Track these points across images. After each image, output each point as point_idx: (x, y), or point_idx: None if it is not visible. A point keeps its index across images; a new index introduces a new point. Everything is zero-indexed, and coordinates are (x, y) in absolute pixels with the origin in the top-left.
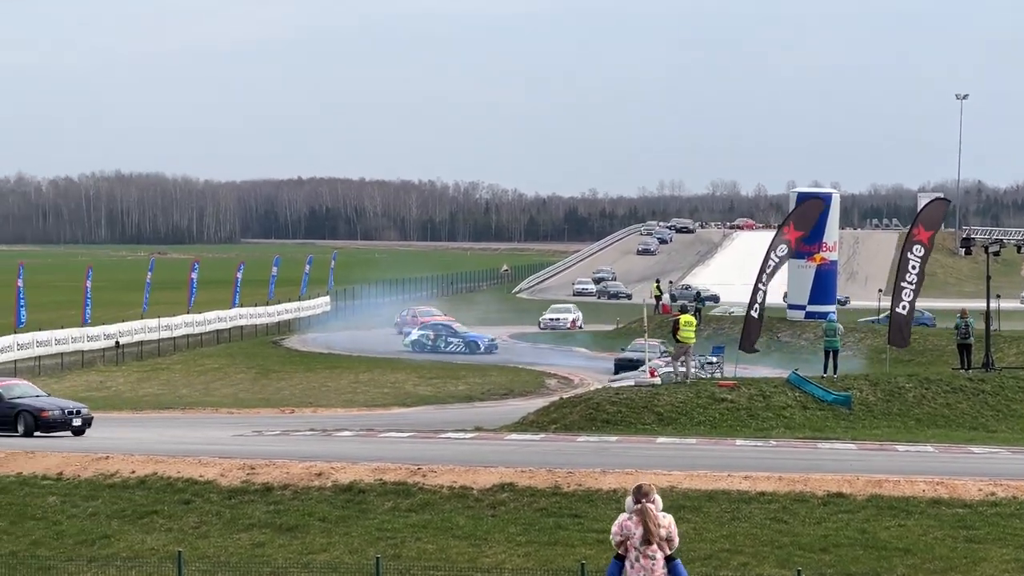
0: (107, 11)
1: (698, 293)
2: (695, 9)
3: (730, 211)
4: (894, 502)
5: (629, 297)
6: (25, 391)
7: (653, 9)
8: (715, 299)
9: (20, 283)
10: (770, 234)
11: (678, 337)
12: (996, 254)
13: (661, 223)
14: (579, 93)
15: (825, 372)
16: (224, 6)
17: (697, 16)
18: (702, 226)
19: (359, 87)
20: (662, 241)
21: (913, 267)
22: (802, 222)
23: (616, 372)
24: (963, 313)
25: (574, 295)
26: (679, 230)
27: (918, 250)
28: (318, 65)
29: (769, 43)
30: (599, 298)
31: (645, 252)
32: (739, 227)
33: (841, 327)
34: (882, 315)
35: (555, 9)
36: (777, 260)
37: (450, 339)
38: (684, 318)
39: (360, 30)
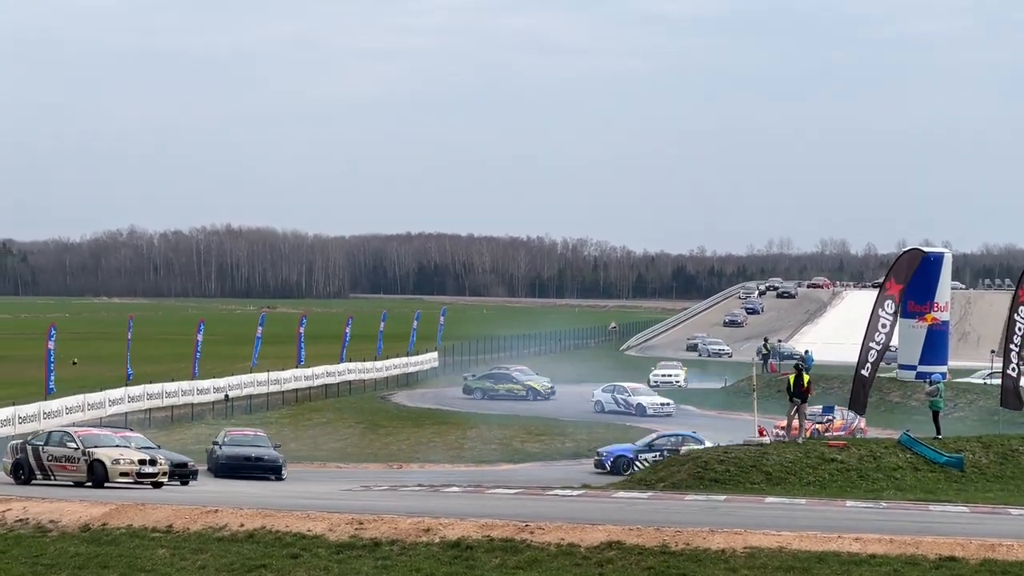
0: (216, 69)
1: (806, 352)
2: (800, 64)
3: (839, 269)
4: (1008, 567)
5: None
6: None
7: (759, 66)
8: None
9: (130, 336)
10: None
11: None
12: None
13: (760, 284)
14: (687, 149)
15: (939, 434)
16: (333, 64)
17: (804, 71)
18: (812, 286)
19: (467, 143)
20: (752, 311)
21: (1019, 328)
22: (901, 274)
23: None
24: None
25: (710, 355)
26: (780, 295)
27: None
28: (427, 121)
29: (878, 101)
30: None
31: (732, 324)
32: (818, 286)
33: (942, 387)
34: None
35: (661, 68)
36: (889, 317)
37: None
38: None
39: (470, 88)
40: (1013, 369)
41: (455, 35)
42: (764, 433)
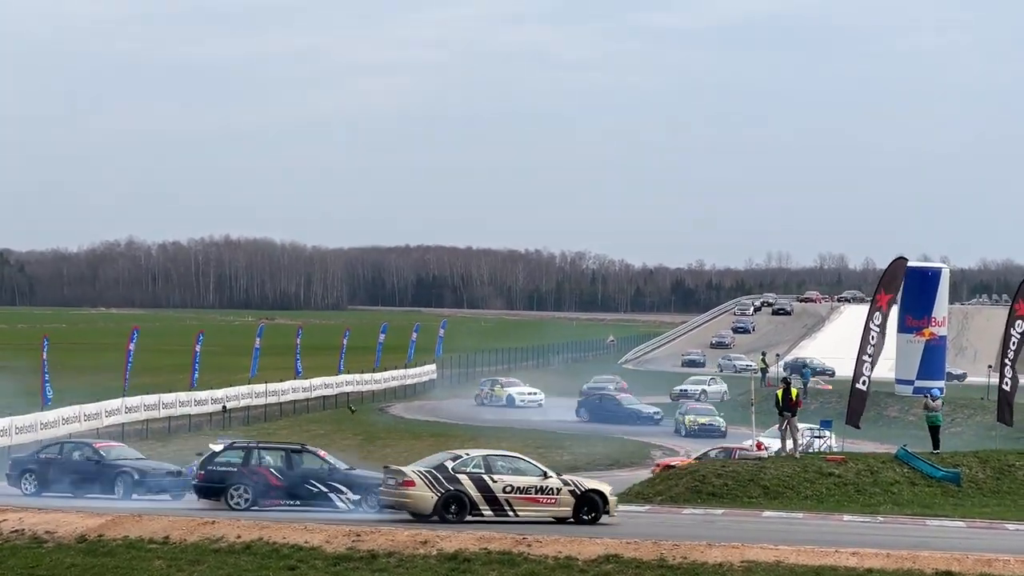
0: (215, 80)
1: (804, 365)
2: (800, 79)
3: (837, 284)
4: None
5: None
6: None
7: (758, 80)
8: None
9: (131, 347)
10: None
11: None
12: None
13: (756, 300)
14: (685, 163)
15: (937, 449)
16: (332, 77)
17: (803, 85)
18: (804, 300)
19: (466, 156)
20: (742, 331)
21: (1014, 343)
22: (891, 285)
23: None
24: None
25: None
26: (775, 311)
27: (1020, 325)
28: (426, 133)
29: (877, 115)
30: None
31: (720, 345)
32: (811, 300)
33: (940, 403)
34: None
35: (660, 81)
36: (878, 329)
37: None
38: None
39: (469, 100)
40: (1007, 384)
41: (455, 48)
42: (762, 447)
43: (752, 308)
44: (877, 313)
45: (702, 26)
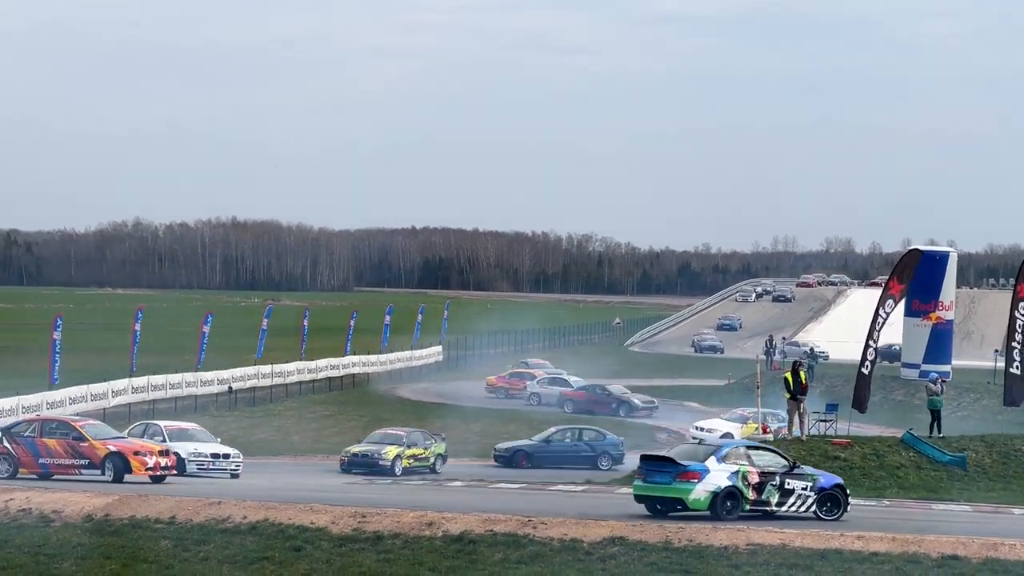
0: (223, 62)
1: (811, 350)
2: (807, 64)
3: (844, 268)
4: (1011, 566)
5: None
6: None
7: (765, 64)
8: (825, 357)
9: (137, 328)
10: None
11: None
12: None
13: (756, 285)
14: (693, 146)
15: (931, 433)
16: (339, 59)
17: (811, 70)
18: (801, 284)
19: (473, 138)
20: (726, 328)
21: (1020, 325)
22: (904, 274)
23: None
24: None
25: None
26: (775, 299)
27: (1023, 308)
28: (433, 116)
29: (884, 100)
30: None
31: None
32: (808, 284)
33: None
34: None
35: (666, 65)
36: (885, 316)
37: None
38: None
39: (476, 84)
40: (1016, 367)
41: (461, 32)
42: (767, 430)
43: (753, 294)
44: (889, 300)
45: (708, 12)
